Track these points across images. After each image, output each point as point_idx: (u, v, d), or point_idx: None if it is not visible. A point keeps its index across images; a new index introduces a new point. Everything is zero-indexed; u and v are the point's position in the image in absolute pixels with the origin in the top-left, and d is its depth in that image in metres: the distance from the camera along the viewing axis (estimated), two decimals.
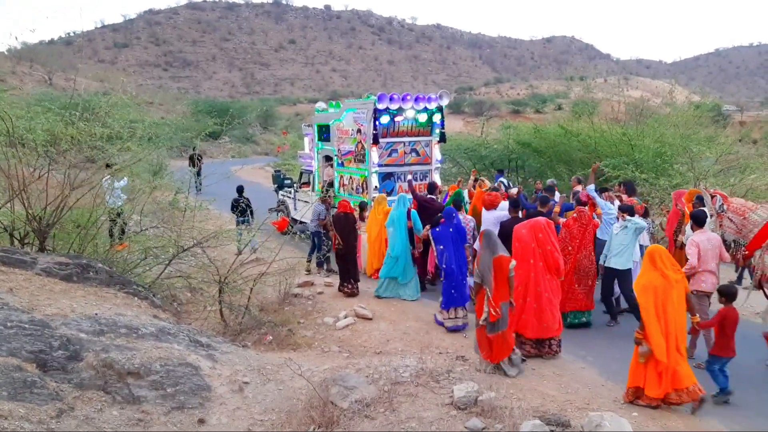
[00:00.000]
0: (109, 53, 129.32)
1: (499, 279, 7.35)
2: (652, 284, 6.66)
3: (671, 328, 6.57)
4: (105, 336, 6.04)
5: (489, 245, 7.48)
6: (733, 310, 6.97)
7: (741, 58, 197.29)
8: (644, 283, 6.76)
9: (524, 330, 8.13)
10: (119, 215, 10.97)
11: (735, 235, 8.45)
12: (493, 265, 7.34)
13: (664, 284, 6.61)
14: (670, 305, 6.58)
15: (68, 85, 44.35)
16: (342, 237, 11.11)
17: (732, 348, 6.91)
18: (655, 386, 6.57)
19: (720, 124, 24.05)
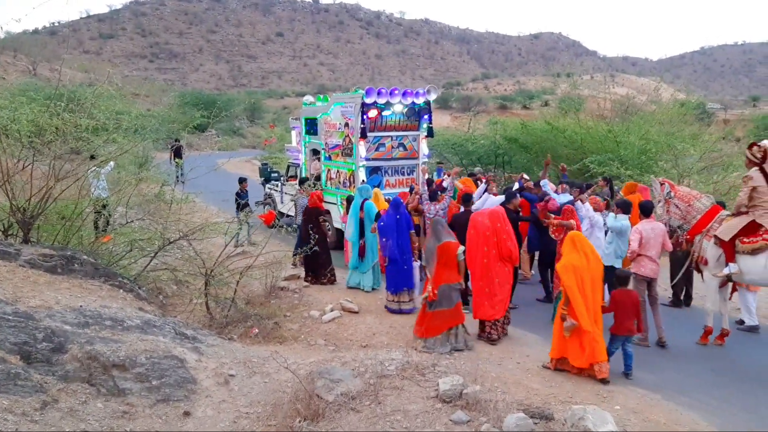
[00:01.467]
0: (94, 44, 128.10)
1: (442, 263, 8.16)
2: (572, 264, 7.38)
3: (590, 304, 7.32)
4: (90, 328, 6.02)
5: (435, 232, 8.35)
6: (628, 292, 7.67)
7: (726, 56, 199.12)
8: (566, 263, 7.48)
9: (475, 312, 8.81)
10: (104, 207, 10.90)
11: (680, 220, 9.06)
12: (437, 251, 8.17)
13: (583, 265, 7.36)
14: (588, 284, 7.33)
15: (53, 76, 43.90)
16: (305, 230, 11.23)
17: (628, 327, 7.49)
18: (578, 357, 7.30)
19: (704, 121, 24.25)
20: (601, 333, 7.33)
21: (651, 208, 8.95)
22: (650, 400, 6.74)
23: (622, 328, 7.50)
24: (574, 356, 7.36)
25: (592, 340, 7.21)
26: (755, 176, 8.05)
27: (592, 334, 7.21)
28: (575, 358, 7.34)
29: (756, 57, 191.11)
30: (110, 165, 11.26)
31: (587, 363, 7.26)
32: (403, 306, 9.99)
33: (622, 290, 7.69)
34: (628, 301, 7.56)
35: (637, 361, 7.96)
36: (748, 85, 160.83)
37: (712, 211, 8.83)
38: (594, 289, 7.39)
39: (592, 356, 7.22)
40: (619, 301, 7.57)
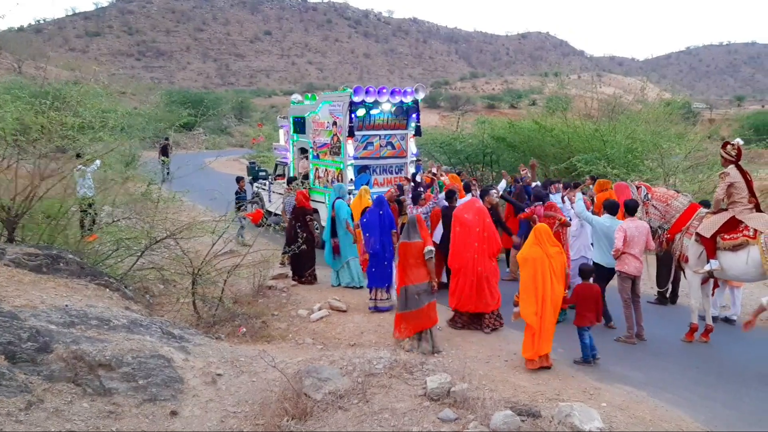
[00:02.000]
0: (80, 42, 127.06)
1: (404, 263, 8.09)
2: (531, 257, 7.59)
3: (546, 296, 7.46)
4: (75, 328, 5.98)
5: (405, 231, 8.25)
6: (590, 285, 7.95)
7: (711, 56, 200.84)
8: (524, 255, 7.71)
9: (463, 305, 8.97)
10: (90, 206, 10.82)
11: (659, 221, 9.17)
12: (399, 249, 8.14)
13: (542, 257, 7.52)
14: (546, 276, 7.48)
15: (38, 74, 43.53)
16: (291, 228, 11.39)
17: (590, 318, 7.78)
18: (529, 349, 7.50)
19: (690, 121, 24.39)
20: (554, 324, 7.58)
21: (635, 207, 9.04)
22: (636, 397, 6.78)
23: (584, 319, 7.78)
24: (525, 348, 7.59)
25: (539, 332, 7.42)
26: (732, 173, 8.20)
27: (544, 327, 7.42)
28: (526, 350, 7.57)
29: (741, 57, 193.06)
30: (96, 163, 11.19)
31: (536, 355, 7.46)
32: (380, 304, 10.04)
33: (584, 284, 7.98)
34: (589, 294, 7.85)
35: (623, 359, 8.05)
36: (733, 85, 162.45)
37: (690, 209, 8.97)
38: (553, 282, 7.52)
39: (540, 348, 7.45)
40: (580, 295, 7.86)
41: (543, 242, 7.61)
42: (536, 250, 7.60)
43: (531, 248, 7.68)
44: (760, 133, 24.98)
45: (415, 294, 8.02)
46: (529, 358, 7.51)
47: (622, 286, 8.80)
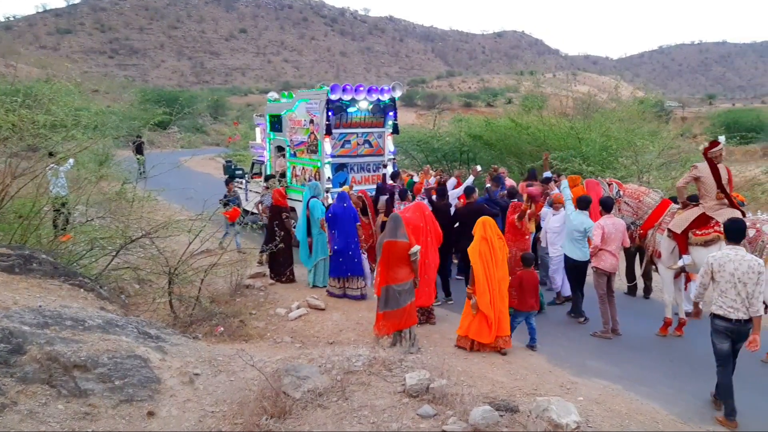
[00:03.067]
0: (51, 39, 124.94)
1: (387, 262, 7.98)
2: (480, 250, 8.07)
3: (494, 284, 7.98)
4: (50, 328, 5.88)
5: (387, 229, 8.13)
6: (530, 272, 8.43)
7: (683, 55, 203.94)
8: (474, 246, 8.17)
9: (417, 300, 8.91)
10: (64, 205, 10.65)
11: (632, 217, 9.39)
12: (383, 248, 8.01)
13: (489, 249, 8.06)
14: (494, 266, 8.03)
15: (8, 72, 42.63)
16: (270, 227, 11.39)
17: (530, 304, 8.33)
18: (485, 334, 7.97)
19: (663, 119, 24.81)
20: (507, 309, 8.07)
21: (612, 204, 9.16)
22: (612, 391, 6.88)
23: (525, 305, 8.32)
24: (479, 334, 8.01)
25: (497, 318, 7.91)
26: (700, 167, 8.36)
27: (498, 312, 7.91)
28: (482, 336, 7.99)
29: (712, 56, 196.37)
30: (69, 162, 11.02)
31: (493, 338, 7.94)
32: (348, 291, 10.49)
33: (525, 271, 8.44)
34: (529, 281, 8.35)
35: (599, 354, 8.16)
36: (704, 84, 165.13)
37: (662, 205, 9.14)
38: (499, 270, 8.05)
39: (498, 330, 7.95)
40: (522, 281, 8.34)
41: (489, 234, 8.13)
42: (484, 243, 8.10)
43: (480, 242, 8.14)
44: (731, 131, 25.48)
45: (397, 293, 7.97)
46: (485, 343, 7.99)
47: (597, 282, 8.91)
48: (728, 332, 6.21)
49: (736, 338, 6.25)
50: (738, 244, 6.33)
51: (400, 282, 7.98)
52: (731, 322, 6.14)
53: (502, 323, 7.98)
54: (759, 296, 6.07)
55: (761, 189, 18.05)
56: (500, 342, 7.99)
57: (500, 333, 7.98)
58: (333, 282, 10.63)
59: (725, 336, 6.25)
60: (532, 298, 8.36)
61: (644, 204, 9.30)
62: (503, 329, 7.99)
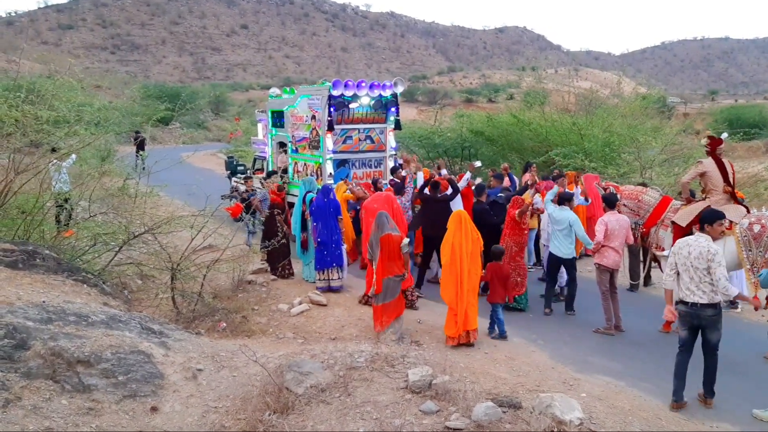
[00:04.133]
0: (53, 35, 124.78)
1: (386, 255, 8.37)
2: (451, 242, 8.26)
3: (464, 277, 8.14)
4: (53, 324, 5.89)
5: (378, 225, 8.52)
6: (500, 266, 8.71)
7: (685, 51, 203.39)
8: (446, 239, 8.37)
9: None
10: (66, 201, 10.66)
11: (634, 217, 9.43)
12: (381, 242, 8.37)
13: (461, 242, 8.20)
14: (464, 259, 8.17)
15: (10, 67, 42.62)
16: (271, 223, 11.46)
17: (501, 296, 8.65)
18: (452, 327, 8.19)
19: (665, 115, 24.74)
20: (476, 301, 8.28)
21: (615, 201, 9.14)
22: (615, 388, 6.89)
23: (496, 296, 8.61)
24: (448, 327, 8.25)
25: (463, 311, 8.09)
26: (706, 162, 8.34)
27: (466, 305, 8.09)
28: (448, 329, 8.24)
29: (714, 52, 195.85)
30: (72, 158, 11.04)
31: (459, 331, 8.14)
32: (332, 283, 10.70)
33: (496, 264, 8.71)
34: (499, 274, 8.64)
35: (602, 350, 8.16)
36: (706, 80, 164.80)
37: (663, 201, 9.13)
38: (470, 264, 8.21)
39: (465, 324, 8.12)
40: (492, 273, 8.62)
41: (463, 227, 8.30)
42: (457, 235, 8.26)
43: (453, 234, 8.31)
44: (734, 127, 25.42)
45: (393, 285, 8.42)
46: (450, 335, 8.20)
47: (600, 279, 8.90)
48: (688, 317, 6.36)
49: (698, 324, 6.35)
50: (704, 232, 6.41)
51: (395, 274, 8.43)
52: (688, 305, 6.31)
53: (469, 317, 8.13)
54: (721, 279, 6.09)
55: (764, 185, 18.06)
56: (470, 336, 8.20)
57: (468, 327, 8.15)
58: (319, 275, 10.77)
59: (686, 321, 6.41)
60: (502, 290, 8.65)
61: (643, 203, 9.32)
62: (470, 323, 8.15)
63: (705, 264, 6.14)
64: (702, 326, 6.33)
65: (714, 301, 6.18)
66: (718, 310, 6.25)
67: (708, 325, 6.28)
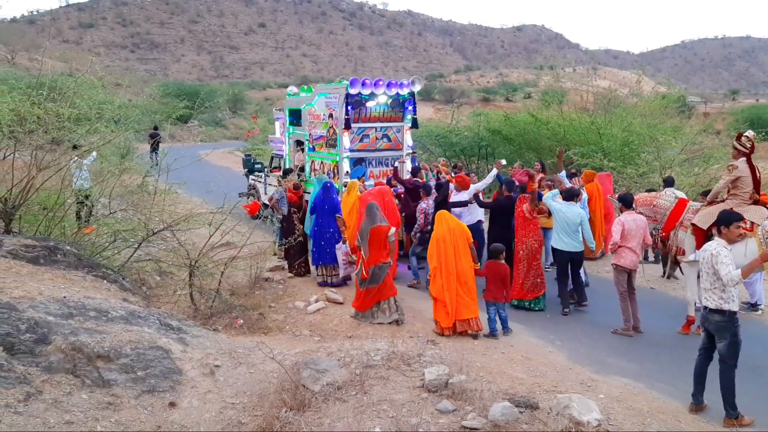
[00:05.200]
0: (74, 33, 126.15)
1: (374, 245, 8.96)
2: (436, 237, 8.61)
3: (451, 270, 8.44)
4: (74, 319, 5.97)
5: (369, 216, 9.11)
6: (499, 264, 8.60)
7: (706, 50, 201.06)
8: (434, 235, 8.73)
9: None
10: (87, 197, 10.78)
11: (652, 223, 9.23)
12: (370, 233, 8.94)
13: (445, 237, 8.50)
14: (449, 250, 8.47)
15: (31, 65, 43.24)
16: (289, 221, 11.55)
17: (501, 295, 8.55)
18: (444, 318, 8.44)
19: (685, 114, 24.49)
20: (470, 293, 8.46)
21: (632, 200, 9.06)
22: (633, 389, 6.82)
23: (489, 295, 8.60)
24: (441, 318, 8.49)
25: (454, 302, 8.34)
26: (741, 166, 8.16)
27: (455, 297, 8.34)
28: (441, 319, 8.48)
29: (735, 51, 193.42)
30: (92, 155, 11.15)
31: (452, 322, 8.36)
32: (328, 279, 10.92)
33: (495, 262, 8.64)
34: (497, 272, 8.57)
35: (620, 351, 8.09)
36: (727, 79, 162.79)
37: (680, 204, 9.01)
38: (457, 257, 8.47)
39: (456, 314, 8.35)
40: (490, 271, 8.61)
41: (446, 223, 8.63)
42: (441, 230, 8.59)
43: (438, 228, 8.67)
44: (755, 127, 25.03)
45: (378, 272, 8.97)
46: (445, 326, 8.42)
47: (617, 279, 8.82)
48: (703, 320, 6.38)
49: (708, 329, 6.29)
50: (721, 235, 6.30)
51: (382, 261, 8.98)
52: (705, 309, 6.30)
53: (460, 308, 8.36)
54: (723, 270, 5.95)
55: None
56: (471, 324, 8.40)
57: (458, 317, 8.36)
58: (317, 270, 11.04)
59: (703, 324, 6.41)
60: (500, 289, 8.54)
61: (659, 207, 9.18)
62: (461, 313, 8.36)
63: (711, 268, 6.07)
64: (712, 331, 6.26)
65: (722, 307, 6.05)
66: (727, 317, 6.07)
67: (716, 330, 6.19)
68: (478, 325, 8.44)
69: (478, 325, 8.46)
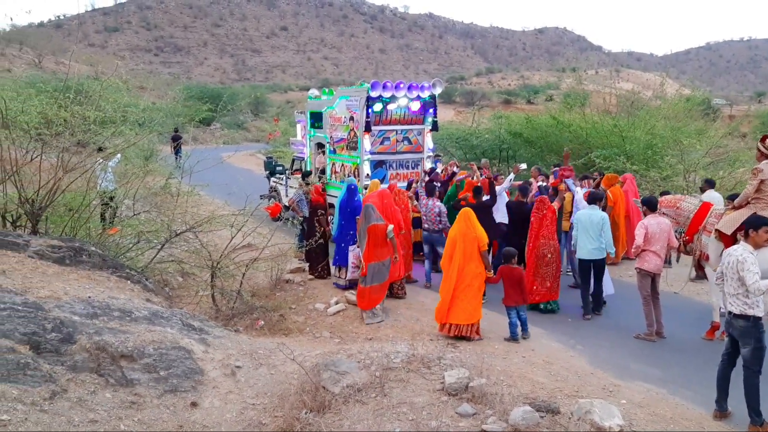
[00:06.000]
0: (99, 37, 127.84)
1: (372, 243, 9.23)
2: (451, 234, 8.65)
3: (454, 271, 8.41)
4: (98, 319, 6.05)
5: (365, 216, 9.40)
6: (512, 268, 8.54)
7: (731, 52, 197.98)
8: (449, 232, 8.81)
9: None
10: (112, 199, 10.93)
11: (675, 226, 9.10)
12: (368, 232, 9.22)
13: (457, 237, 8.47)
14: (458, 251, 8.42)
15: (58, 69, 43.92)
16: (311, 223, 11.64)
17: (515, 299, 8.47)
18: (439, 315, 8.53)
19: (710, 117, 24.17)
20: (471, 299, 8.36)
21: (656, 203, 8.96)
22: (656, 395, 6.75)
23: (509, 299, 8.52)
24: (438, 315, 8.57)
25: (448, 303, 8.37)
26: (765, 169, 8.03)
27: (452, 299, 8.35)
28: (437, 315, 8.57)
29: (762, 53, 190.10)
30: (117, 157, 11.31)
31: (444, 320, 8.44)
32: (339, 281, 11.01)
33: (508, 266, 8.58)
34: (512, 276, 8.50)
35: (643, 356, 8.01)
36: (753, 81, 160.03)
37: (703, 208, 8.89)
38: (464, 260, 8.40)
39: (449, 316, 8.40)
40: (504, 276, 8.54)
41: (465, 222, 8.52)
42: (457, 229, 8.56)
43: (453, 226, 8.74)
44: None
45: (380, 269, 9.27)
46: (439, 322, 8.55)
47: (641, 283, 8.72)
48: (726, 325, 6.30)
49: (732, 334, 6.21)
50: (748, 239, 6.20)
51: (382, 259, 9.28)
52: (729, 314, 6.20)
53: (456, 311, 8.36)
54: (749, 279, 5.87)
55: None
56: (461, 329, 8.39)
57: (452, 320, 8.38)
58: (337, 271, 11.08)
59: (726, 330, 6.34)
60: (516, 293, 8.47)
61: (683, 210, 9.06)
62: (456, 317, 8.36)
63: (736, 274, 5.98)
64: (736, 337, 6.17)
65: (746, 312, 5.97)
66: (751, 323, 5.99)
67: (739, 336, 6.10)
68: (474, 331, 8.44)
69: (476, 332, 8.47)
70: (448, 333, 8.44)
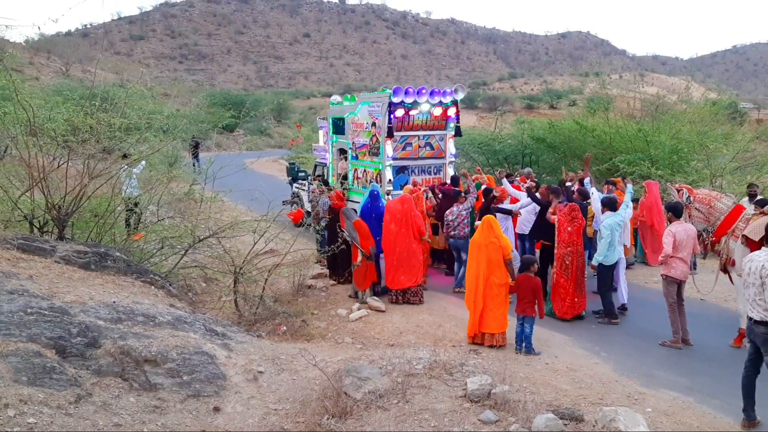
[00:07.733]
0: (125, 45, 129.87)
1: (362, 235, 10.22)
2: (474, 244, 8.57)
3: (480, 280, 8.34)
4: (123, 323, 6.12)
5: (347, 217, 10.47)
6: (529, 277, 8.30)
7: (759, 55, 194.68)
8: (473, 239, 8.71)
9: (390, 283, 10.34)
10: (136, 205, 11.07)
11: (704, 223, 9.04)
12: (355, 227, 10.23)
13: (480, 244, 8.42)
14: (482, 260, 8.37)
15: (84, 77, 44.69)
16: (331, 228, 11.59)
17: (531, 310, 8.21)
18: (470, 326, 8.48)
19: (737, 121, 23.82)
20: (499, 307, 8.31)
21: (681, 209, 8.83)
22: (682, 403, 6.64)
23: (519, 308, 8.31)
24: (469, 326, 8.50)
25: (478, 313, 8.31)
26: None
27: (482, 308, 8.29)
28: (469, 328, 8.50)
29: None
30: (142, 164, 11.45)
31: (474, 331, 8.40)
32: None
33: (525, 275, 8.38)
34: (528, 285, 8.28)
35: (669, 364, 7.89)
36: None
37: (735, 210, 8.74)
38: (489, 269, 8.35)
39: (481, 326, 8.36)
40: (520, 285, 8.34)
41: (486, 231, 8.46)
42: (480, 236, 8.51)
43: (477, 235, 8.66)
44: None
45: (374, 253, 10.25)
46: (468, 334, 8.51)
47: (667, 290, 8.59)
48: (748, 331, 6.19)
49: (754, 340, 6.09)
50: None
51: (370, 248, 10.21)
52: (750, 320, 6.06)
53: (487, 320, 8.31)
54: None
55: None
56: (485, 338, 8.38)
57: (483, 328, 8.35)
58: None
59: (748, 336, 6.23)
60: (530, 303, 8.23)
61: (715, 209, 8.94)
62: (485, 325, 8.32)
63: (759, 280, 5.85)
64: (758, 343, 6.04)
65: (767, 319, 5.86)
66: None
67: (762, 342, 5.98)
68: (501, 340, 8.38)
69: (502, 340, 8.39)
70: (481, 342, 8.38)
